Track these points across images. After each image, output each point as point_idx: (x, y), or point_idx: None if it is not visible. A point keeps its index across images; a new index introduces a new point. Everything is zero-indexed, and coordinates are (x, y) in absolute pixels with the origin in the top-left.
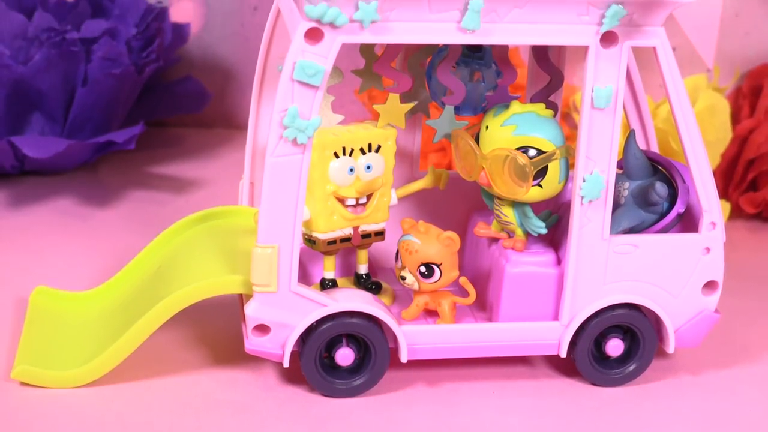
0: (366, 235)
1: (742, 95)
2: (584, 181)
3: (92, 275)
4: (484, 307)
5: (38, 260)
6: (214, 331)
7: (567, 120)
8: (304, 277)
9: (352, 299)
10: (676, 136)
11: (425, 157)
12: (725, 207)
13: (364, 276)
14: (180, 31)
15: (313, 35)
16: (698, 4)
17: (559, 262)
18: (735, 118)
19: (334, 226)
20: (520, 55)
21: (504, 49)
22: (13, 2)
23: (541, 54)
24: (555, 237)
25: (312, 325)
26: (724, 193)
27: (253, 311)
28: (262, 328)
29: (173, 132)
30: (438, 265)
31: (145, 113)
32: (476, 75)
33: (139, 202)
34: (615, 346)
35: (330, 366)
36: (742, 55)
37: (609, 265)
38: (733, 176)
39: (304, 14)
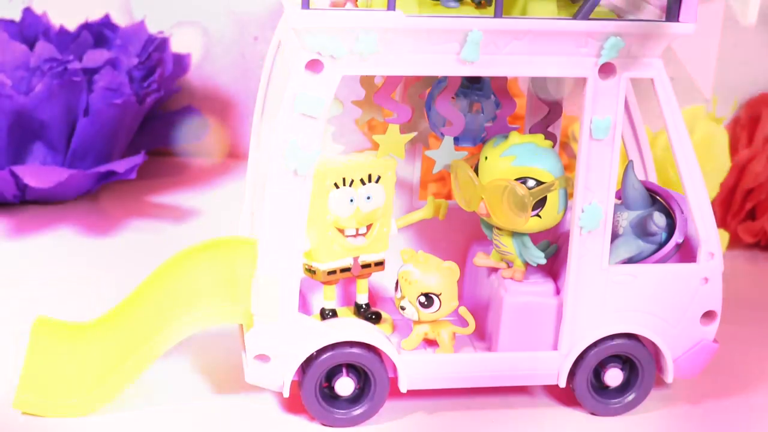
0: (366, 265)
1: (740, 125)
2: (583, 211)
3: (93, 305)
4: (483, 336)
5: (39, 289)
6: (215, 361)
7: (566, 150)
8: (304, 307)
9: (352, 329)
10: (674, 166)
11: (425, 187)
12: (723, 236)
13: (363, 306)
14: (181, 61)
15: (314, 67)
16: (696, 34)
17: (558, 291)
18: (733, 148)
19: (334, 256)
20: (519, 86)
21: (503, 80)
22: (15, 32)
23: (540, 85)
24: (554, 267)
25: (312, 354)
26: (722, 223)
27: (253, 341)
28: (263, 358)
29: (174, 161)
30: (437, 295)
31: (146, 142)
32: (475, 106)
33: (140, 232)
34: (614, 376)
35: (330, 395)
36: (740, 85)
37: (608, 295)
38: (731, 205)
39: (304, 46)
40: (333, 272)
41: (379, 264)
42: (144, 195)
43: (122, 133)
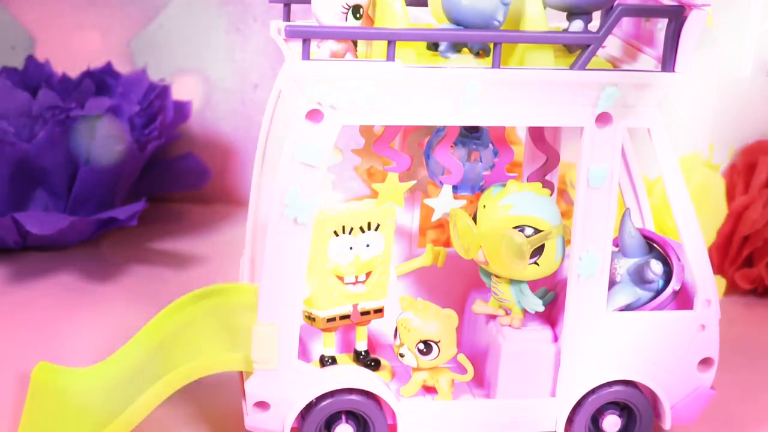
0: (365, 312)
1: (736, 172)
2: (580, 259)
3: (94, 351)
4: (482, 383)
5: (40, 336)
6: (215, 408)
7: (564, 196)
8: (303, 354)
9: (351, 376)
10: (671, 214)
11: (424, 235)
12: (720, 283)
13: (363, 353)
14: (182, 108)
15: (314, 116)
16: (692, 83)
17: (555, 338)
18: (730, 195)
19: (333, 303)
20: (517, 133)
21: (501, 129)
22: (18, 80)
23: (538, 134)
24: (552, 314)
25: (312, 401)
26: (719, 269)
27: (253, 388)
28: (262, 405)
29: (174, 208)
30: (436, 343)
31: (146, 189)
32: (474, 155)
33: (140, 278)
34: (612, 422)
35: None
36: (736, 133)
37: (605, 342)
38: (728, 252)
39: (305, 96)
40: (332, 319)
41: (378, 311)
42: (145, 241)
43: (123, 180)
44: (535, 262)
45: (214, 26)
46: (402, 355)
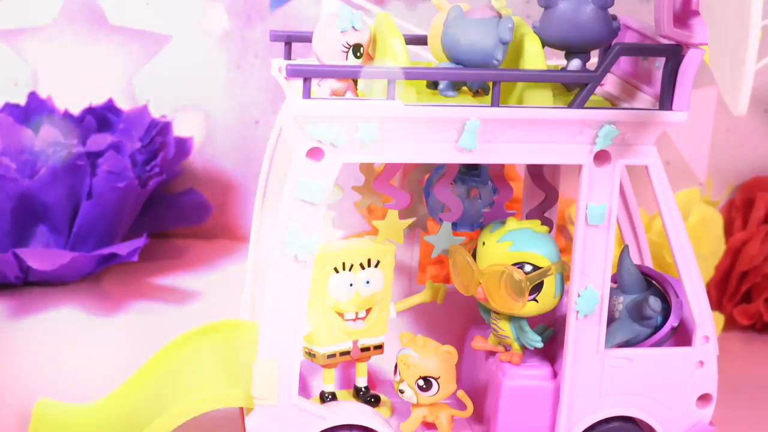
0: (365, 349)
1: (734, 208)
2: (579, 296)
3: (95, 387)
4: (481, 419)
5: (41, 371)
6: None
7: (563, 232)
8: (303, 390)
9: (351, 412)
10: (669, 250)
11: (423, 271)
12: (719, 319)
13: (363, 389)
14: (183, 144)
15: (315, 154)
16: (690, 120)
17: (555, 375)
18: (728, 231)
19: (333, 339)
20: (517, 170)
21: (500, 166)
22: (20, 116)
23: (536, 171)
24: (551, 350)
25: None
26: (718, 305)
27: (253, 424)
28: None
29: (175, 243)
30: (436, 379)
31: (147, 225)
32: (473, 192)
33: (141, 314)
34: None
35: None
36: (734, 169)
37: (604, 379)
38: (727, 288)
39: (305, 134)
40: (333, 355)
41: (378, 347)
42: (146, 277)
43: (125, 215)
44: (534, 299)
45: (214, 63)
46: (402, 392)
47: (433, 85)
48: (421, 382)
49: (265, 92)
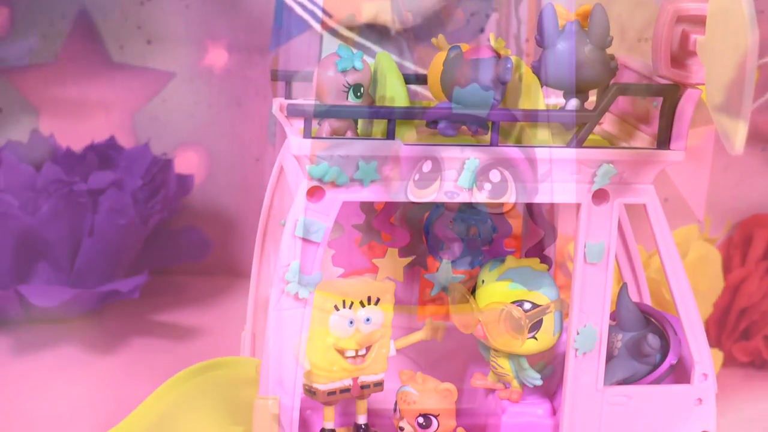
0: (365, 386)
1: (733, 245)
2: (578, 333)
3: (95, 424)
4: None
5: (41, 408)
6: None
7: (562, 269)
8: (304, 427)
9: None
10: (668, 287)
11: (423, 309)
12: (718, 356)
13: (363, 426)
14: (184, 181)
15: (315, 193)
16: (688, 158)
17: (554, 412)
18: (726, 268)
19: (334, 377)
20: (516, 207)
21: (499, 204)
22: (22, 154)
23: (535, 209)
24: (550, 387)
25: None
26: (717, 342)
27: None
28: None
29: (176, 280)
30: (436, 416)
31: (148, 262)
32: (472, 230)
33: (142, 350)
34: None
35: None
36: (732, 207)
37: (603, 416)
38: (725, 325)
39: (306, 173)
40: (333, 393)
41: (378, 384)
42: (147, 314)
43: (126, 252)
44: (534, 337)
45: (215, 100)
46: (402, 429)
47: (433, 124)
48: (420, 420)
49: (266, 129)
